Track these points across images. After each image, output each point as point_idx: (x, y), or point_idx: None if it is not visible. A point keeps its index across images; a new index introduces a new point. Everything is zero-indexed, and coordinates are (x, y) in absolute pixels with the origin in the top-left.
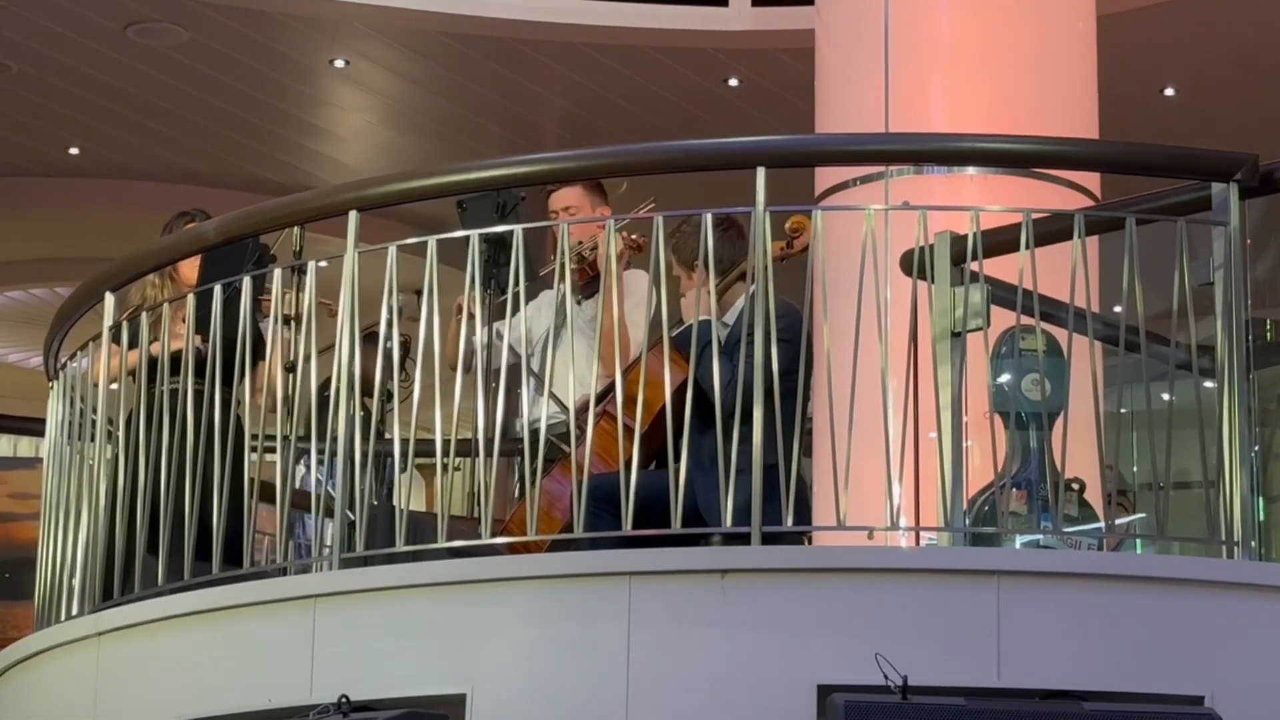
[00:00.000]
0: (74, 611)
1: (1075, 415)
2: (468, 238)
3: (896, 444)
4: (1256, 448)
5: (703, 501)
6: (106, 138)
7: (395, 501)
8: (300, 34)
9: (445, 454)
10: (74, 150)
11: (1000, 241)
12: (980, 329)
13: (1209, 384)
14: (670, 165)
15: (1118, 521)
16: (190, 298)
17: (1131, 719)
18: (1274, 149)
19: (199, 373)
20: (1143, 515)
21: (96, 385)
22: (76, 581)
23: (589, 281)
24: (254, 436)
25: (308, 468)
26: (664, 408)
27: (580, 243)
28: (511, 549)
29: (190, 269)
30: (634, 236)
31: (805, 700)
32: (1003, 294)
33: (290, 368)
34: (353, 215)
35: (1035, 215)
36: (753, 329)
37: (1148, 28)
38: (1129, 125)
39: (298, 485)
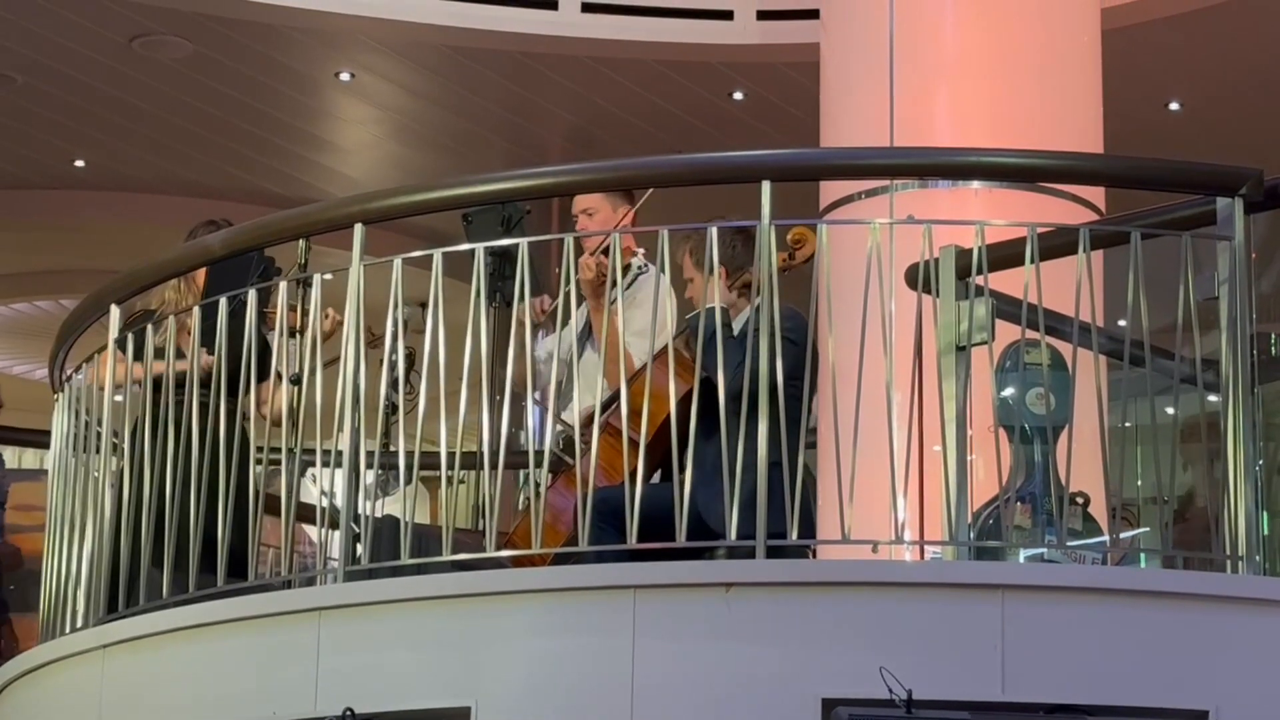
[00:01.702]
0: (79, 624)
1: (1079, 429)
2: (473, 251)
3: (901, 458)
4: (1261, 462)
5: (707, 510)
6: (111, 150)
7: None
8: (305, 47)
9: (450, 467)
10: (79, 163)
11: (1005, 255)
12: (985, 343)
13: (1213, 398)
14: (675, 179)
15: (1122, 536)
16: (195, 310)
17: None
18: (1279, 163)
19: (205, 384)
20: (1146, 529)
21: (103, 389)
22: (81, 594)
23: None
24: (259, 449)
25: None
26: (668, 420)
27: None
28: (516, 562)
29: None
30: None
31: (810, 714)
32: (1007, 308)
33: (295, 380)
34: (358, 228)
35: (1040, 229)
36: (758, 337)
37: (1152, 42)
38: (1134, 139)
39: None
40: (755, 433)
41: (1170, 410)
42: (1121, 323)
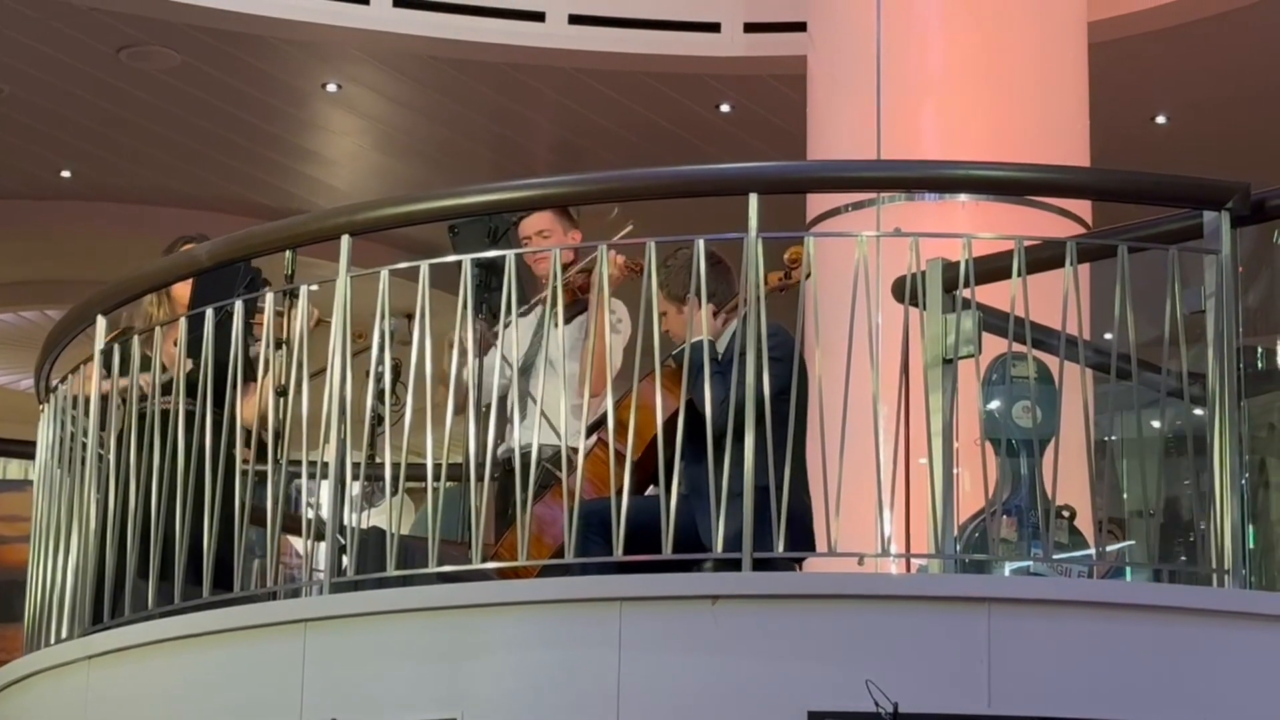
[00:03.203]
0: (64, 635)
1: (1066, 442)
2: (459, 262)
3: (887, 470)
4: (1246, 475)
5: (702, 527)
6: (98, 161)
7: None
8: (292, 58)
9: (436, 478)
10: (66, 173)
11: (992, 268)
12: (971, 356)
13: (1200, 411)
14: (662, 191)
15: (1108, 549)
16: (182, 321)
17: None
18: (1266, 177)
19: (190, 394)
20: (1133, 542)
21: (89, 400)
22: (66, 605)
23: (569, 304)
24: (245, 460)
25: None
26: (656, 433)
27: (566, 266)
28: (502, 574)
29: (184, 289)
30: (624, 260)
31: None
32: (994, 321)
33: (282, 391)
34: (345, 239)
35: (1027, 243)
36: (744, 353)
37: (1139, 55)
38: (1120, 152)
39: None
40: (742, 450)
41: (1157, 423)
42: (1108, 336)
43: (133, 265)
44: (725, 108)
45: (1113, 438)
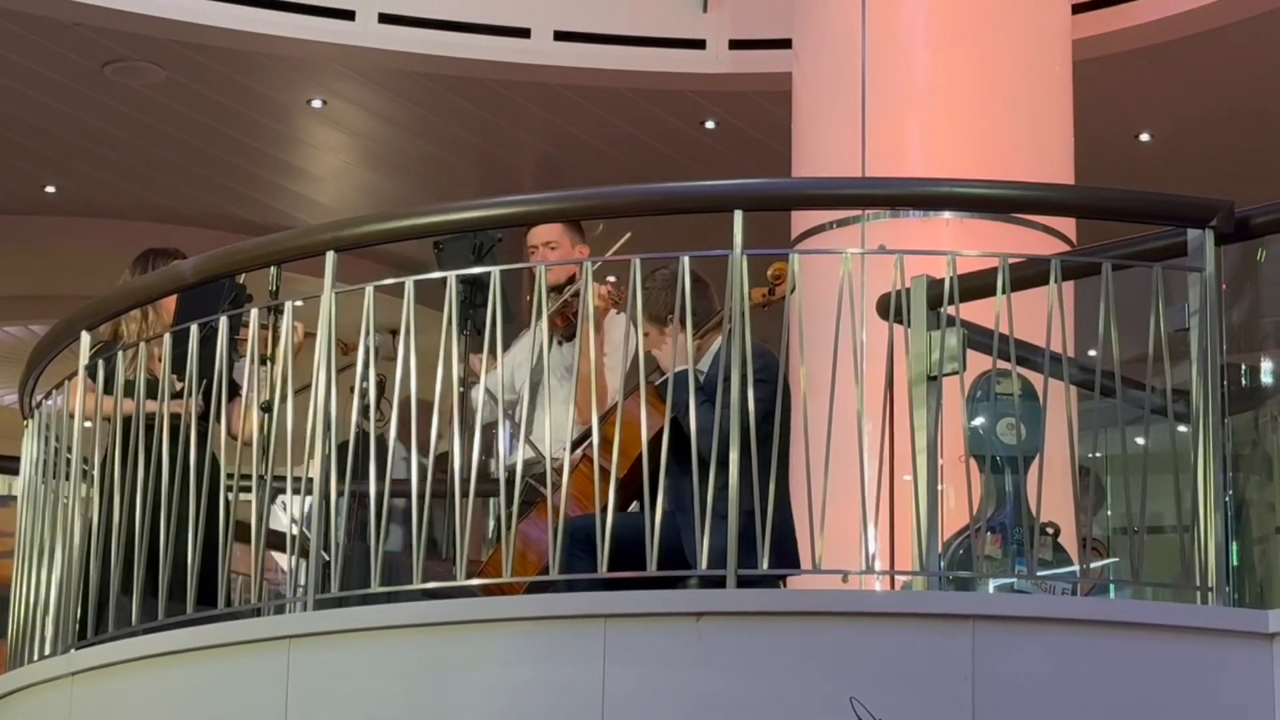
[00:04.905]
0: (47, 651)
1: (1050, 459)
2: (444, 278)
3: (872, 487)
4: (1230, 493)
5: (687, 544)
6: (83, 176)
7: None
8: (278, 74)
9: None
10: (50, 188)
11: (976, 286)
12: (956, 373)
13: (1184, 429)
14: (647, 208)
15: (1092, 566)
16: (167, 338)
17: None
18: (1250, 194)
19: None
20: (1116, 560)
21: (72, 418)
22: (50, 621)
23: (568, 325)
24: (230, 475)
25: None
26: (642, 450)
27: (561, 284)
28: (487, 590)
29: (170, 303)
30: (610, 284)
31: None
32: (979, 338)
33: (266, 407)
34: (330, 255)
35: (1011, 260)
36: (729, 373)
37: (1124, 73)
38: (1105, 170)
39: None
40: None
41: (1141, 440)
42: (1092, 353)
43: (117, 280)
44: (710, 124)
45: (1097, 454)
